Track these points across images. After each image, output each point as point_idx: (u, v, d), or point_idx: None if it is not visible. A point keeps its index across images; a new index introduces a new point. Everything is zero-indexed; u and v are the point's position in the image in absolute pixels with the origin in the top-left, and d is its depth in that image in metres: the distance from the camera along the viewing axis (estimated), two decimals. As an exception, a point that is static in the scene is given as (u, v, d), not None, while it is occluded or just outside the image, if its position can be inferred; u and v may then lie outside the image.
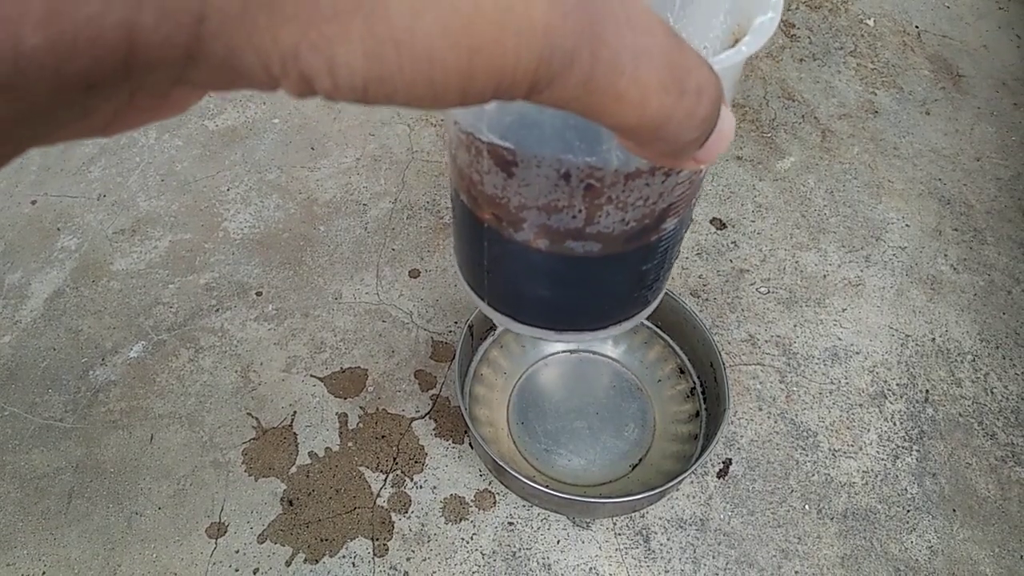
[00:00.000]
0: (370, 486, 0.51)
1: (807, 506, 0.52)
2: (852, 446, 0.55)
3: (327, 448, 0.53)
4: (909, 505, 0.53)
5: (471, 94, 0.13)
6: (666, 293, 0.53)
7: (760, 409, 0.57)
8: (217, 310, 0.60)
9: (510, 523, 0.50)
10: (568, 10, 0.13)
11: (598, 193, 0.22)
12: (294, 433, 0.54)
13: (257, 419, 0.54)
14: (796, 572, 0.49)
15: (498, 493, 0.52)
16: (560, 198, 0.22)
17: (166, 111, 0.12)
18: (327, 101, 0.14)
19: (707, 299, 0.63)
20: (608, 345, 0.57)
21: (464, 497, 0.51)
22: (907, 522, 0.52)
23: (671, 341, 0.56)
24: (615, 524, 0.50)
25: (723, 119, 0.17)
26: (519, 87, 0.13)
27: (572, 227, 0.23)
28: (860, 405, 0.57)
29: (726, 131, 0.17)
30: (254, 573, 0.47)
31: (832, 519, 0.51)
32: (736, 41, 0.21)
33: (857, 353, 0.60)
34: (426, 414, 0.55)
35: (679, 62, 0.15)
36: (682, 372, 0.55)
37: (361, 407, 0.55)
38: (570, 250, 0.24)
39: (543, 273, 0.26)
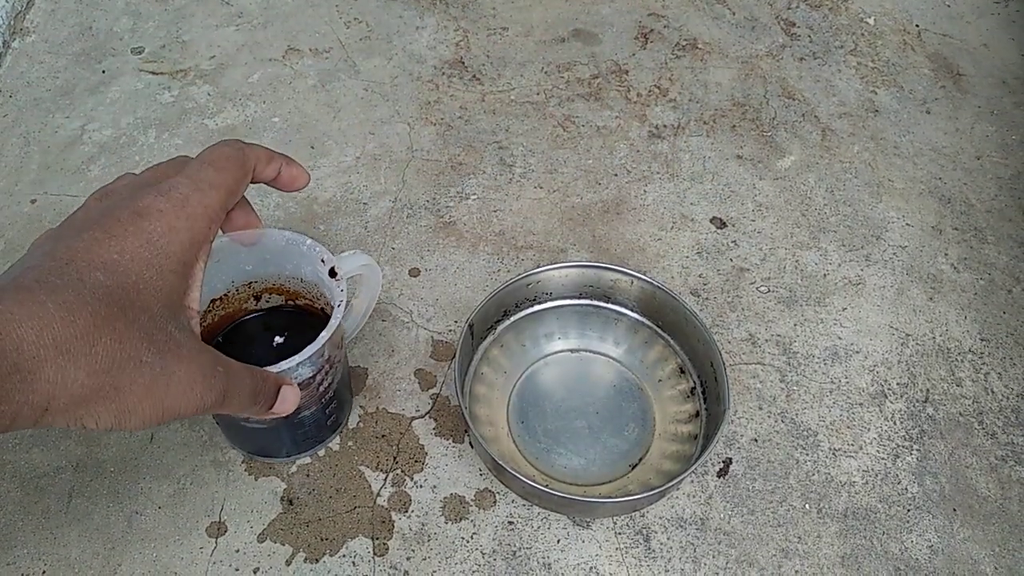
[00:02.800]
0: (370, 485, 0.51)
1: (807, 505, 0.52)
2: (852, 445, 0.55)
3: (327, 447, 0.53)
4: (909, 504, 0.53)
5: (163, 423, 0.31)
6: (666, 292, 0.53)
7: (760, 408, 0.57)
8: (217, 309, 0.60)
9: (510, 522, 0.50)
10: (211, 386, 0.31)
11: None
12: (294, 432, 0.54)
13: (257, 418, 0.54)
14: (796, 571, 0.49)
15: (498, 492, 0.52)
16: None
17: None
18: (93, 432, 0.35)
19: (707, 298, 0.63)
20: (609, 345, 0.57)
21: (464, 496, 0.51)
22: (907, 521, 0.52)
23: (671, 341, 0.56)
24: (615, 523, 0.50)
25: (283, 394, 0.37)
26: (185, 417, 0.31)
27: (240, 417, 0.44)
28: (860, 404, 0.57)
29: (288, 401, 0.38)
30: (254, 572, 0.47)
31: (832, 518, 0.51)
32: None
33: (857, 352, 0.60)
34: (426, 413, 0.55)
35: (224, 387, 0.32)
36: (682, 372, 0.55)
37: (361, 406, 0.55)
38: (246, 424, 0.48)
39: (242, 431, 0.50)
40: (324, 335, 0.41)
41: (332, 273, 0.45)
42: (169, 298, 0.30)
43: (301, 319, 0.52)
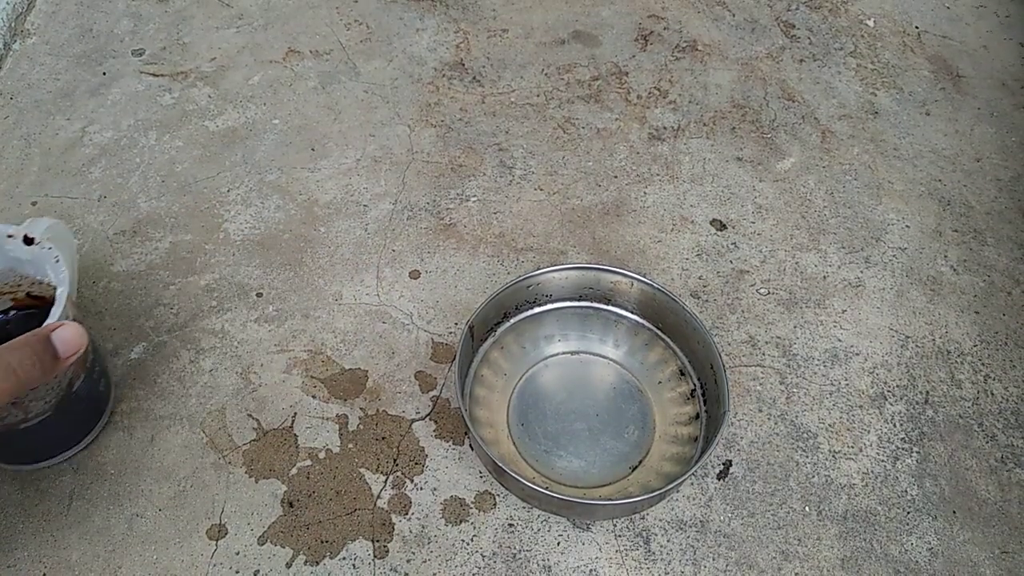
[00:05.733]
0: (370, 488, 0.51)
1: (807, 507, 0.52)
2: (852, 447, 0.55)
3: (327, 449, 0.53)
4: (909, 507, 0.53)
5: None
6: (666, 294, 0.53)
7: (760, 411, 0.57)
8: (217, 311, 0.60)
9: (510, 525, 0.50)
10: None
11: None
12: (294, 434, 0.54)
13: (258, 420, 0.54)
14: (796, 574, 0.49)
15: (498, 495, 0.52)
16: None
17: None
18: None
19: (707, 300, 0.63)
20: (609, 347, 0.57)
21: (464, 499, 0.51)
22: (907, 524, 0.52)
23: (672, 343, 0.56)
24: (615, 526, 0.50)
25: (59, 336, 0.37)
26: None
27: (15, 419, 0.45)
28: (860, 406, 0.57)
29: (68, 338, 0.38)
30: (255, 575, 0.47)
31: (832, 520, 0.52)
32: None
33: (857, 354, 0.60)
34: (426, 415, 0.55)
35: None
36: (682, 374, 0.55)
37: (361, 408, 0.55)
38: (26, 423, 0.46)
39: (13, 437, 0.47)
40: (61, 292, 0.41)
41: (28, 241, 0.45)
42: None
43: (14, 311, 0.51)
